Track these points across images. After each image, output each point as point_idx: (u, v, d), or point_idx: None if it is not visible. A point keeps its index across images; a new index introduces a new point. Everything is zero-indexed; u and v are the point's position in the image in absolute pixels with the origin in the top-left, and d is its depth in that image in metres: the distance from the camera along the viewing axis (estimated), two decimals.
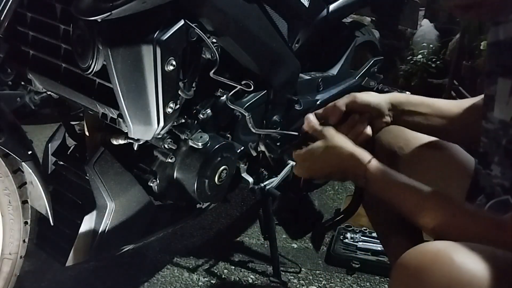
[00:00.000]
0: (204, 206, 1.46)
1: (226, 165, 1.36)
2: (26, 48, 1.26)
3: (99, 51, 1.05)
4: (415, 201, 0.87)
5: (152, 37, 1.07)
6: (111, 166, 1.24)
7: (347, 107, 1.05)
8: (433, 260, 0.68)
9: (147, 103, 1.12)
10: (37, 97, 1.34)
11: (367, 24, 2.42)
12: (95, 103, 1.16)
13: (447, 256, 0.67)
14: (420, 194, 0.87)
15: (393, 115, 1.09)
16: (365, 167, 0.93)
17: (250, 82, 1.27)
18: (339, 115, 1.05)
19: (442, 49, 3.15)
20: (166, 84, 1.12)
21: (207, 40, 1.16)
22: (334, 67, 1.84)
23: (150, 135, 1.19)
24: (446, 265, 0.66)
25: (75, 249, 1.22)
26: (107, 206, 1.23)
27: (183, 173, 1.30)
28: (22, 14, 1.22)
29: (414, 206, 0.87)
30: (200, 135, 1.28)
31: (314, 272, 1.67)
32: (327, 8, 1.68)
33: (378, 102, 1.07)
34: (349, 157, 0.96)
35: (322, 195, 2.12)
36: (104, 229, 1.24)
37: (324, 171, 1.00)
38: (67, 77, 1.19)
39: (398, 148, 1.16)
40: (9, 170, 1.11)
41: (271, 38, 1.40)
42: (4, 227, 1.15)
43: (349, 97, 1.07)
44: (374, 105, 1.06)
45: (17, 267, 1.21)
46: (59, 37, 1.16)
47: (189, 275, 1.63)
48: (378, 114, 1.07)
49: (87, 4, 0.98)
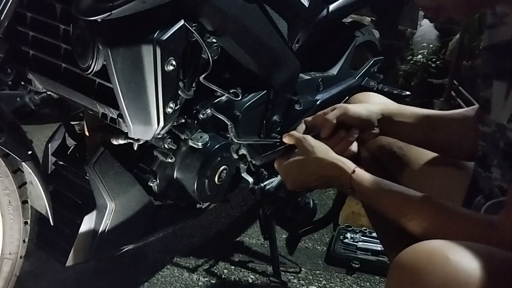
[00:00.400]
0: (204, 206, 1.46)
1: (226, 165, 1.36)
2: (26, 48, 1.26)
3: (99, 51, 1.05)
4: (402, 207, 0.88)
5: (152, 37, 1.07)
6: (111, 166, 1.24)
7: (338, 119, 1.06)
8: (429, 259, 0.68)
9: (147, 103, 1.12)
10: (37, 97, 1.34)
11: (367, 24, 2.41)
12: (95, 103, 1.16)
13: (443, 255, 0.67)
14: (407, 199, 0.88)
15: (385, 126, 1.09)
16: (350, 176, 0.94)
17: (238, 91, 1.27)
18: (331, 128, 1.06)
19: (442, 49, 3.15)
20: (166, 84, 1.12)
21: (203, 44, 1.15)
22: (334, 67, 1.84)
23: (150, 135, 1.19)
24: (441, 264, 0.67)
25: (75, 249, 1.22)
26: (107, 206, 1.23)
27: (183, 173, 1.30)
28: (22, 14, 1.22)
29: (401, 212, 0.88)
30: (200, 135, 1.28)
31: (314, 272, 1.67)
32: (327, 8, 1.68)
33: (369, 115, 1.08)
34: (333, 167, 0.97)
35: (322, 195, 2.12)
36: (104, 229, 1.24)
37: (309, 182, 1.01)
38: (67, 77, 1.19)
39: (398, 148, 1.17)
40: (9, 170, 1.11)
41: (271, 38, 1.40)
42: (4, 227, 1.15)
43: (340, 109, 1.07)
44: (364, 117, 1.07)
45: (17, 267, 1.21)
46: (59, 37, 1.16)
47: (189, 275, 1.63)
48: (368, 126, 1.08)
49: (87, 4, 0.98)
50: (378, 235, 1.32)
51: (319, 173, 0.99)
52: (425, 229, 0.83)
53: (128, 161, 1.29)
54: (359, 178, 0.94)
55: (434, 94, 3.00)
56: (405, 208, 0.88)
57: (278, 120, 1.53)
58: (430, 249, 0.69)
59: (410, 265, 0.69)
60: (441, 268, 0.66)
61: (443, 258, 0.67)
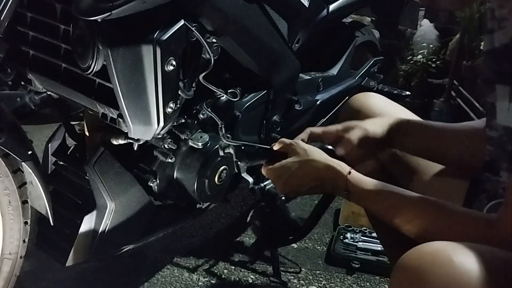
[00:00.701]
0: (204, 206, 1.46)
1: (226, 165, 1.36)
2: (26, 48, 1.26)
3: (99, 51, 1.05)
4: (400, 208, 0.88)
5: (152, 37, 1.07)
6: (111, 166, 1.24)
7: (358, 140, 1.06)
8: (433, 260, 0.68)
9: (147, 103, 1.12)
10: (37, 97, 1.34)
11: (367, 24, 2.42)
12: (95, 103, 1.16)
13: (447, 257, 0.67)
14: (404, 200, 0.88)
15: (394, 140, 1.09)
16: (346, 178, 0.94)
17: (237, 91, 1.26)
18: (352, 149, 1.05)
19: (442, 49, 3.14)
20: (166, 84, 1.12)
21: (204, 43, 1.15)
22: (334, 67, 1.85)
23: (150, 135, 1.19)
24: (445, 266, 0.67)
25: (75, 249, 1.22)
26: (107, 206, 1.23)
27: (183, 173, 1.30)
28: (22, 14, 1.22)
29: (399, 213, 0.87)
30: (200, 135, 1.28)
31: (314, 272, 1.67)
32: (327, 8, 1.68)
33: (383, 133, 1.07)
34: (327, 170, 0.96)
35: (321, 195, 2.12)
36: (104, 229, 1.24)
37: (302, 186, 1.00)
38: (67, 77, 1.19)
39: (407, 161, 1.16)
40: (9, 170, 1.11)
41: (271, 38, 1.40)
42: (4, 227, 1.15)
43: (360, 130, 1.06)
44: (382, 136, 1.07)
45: (17, 267, 1.21)
46: (59, 37, 1.16)
47: (189, 275, 1.63)
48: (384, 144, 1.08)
49: (87, 4, 0.98)
50: (378, 235, 1.32)
51: (313, 175, 0.98)
52: (423, 229, 0.83)
53: (128, 161, 1.29)
54: (355, 179, 0.93)
55: (434, 94, 3.00)
56: (403, 208, 0.87)
57: (278, 120, 1.53)
58: (434, 251, 0.69)
59: (414, 267, 0.69)
60: (445, 269, 0.66)
61: (447, 259, 0.67)
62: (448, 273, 0.66)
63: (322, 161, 0.97)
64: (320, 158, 0.98)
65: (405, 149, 1.12)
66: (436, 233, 0.79)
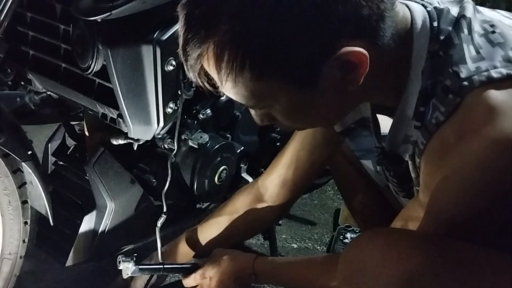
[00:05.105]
0: (204, 206, 1.46)
1: (226, 165, 1.36)
2: (26, 48, 1.26)
3: (99, 51, 1.05)
4: (316, 274, 0.95)
5: (152, 37, 1.07)
6: (111, 166, 1.24)
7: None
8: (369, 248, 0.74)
9: (147, 103, 1.12)
10: (37, 97, 1.34)
11: None
12: (95, 103, 1.16)
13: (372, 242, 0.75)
14: (316, 264, 0.97)
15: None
16: (252, 261, 1.02)
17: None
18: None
19: None
20: (166, 84, 1.12)
21: None
22: None
23: (150, 135, 1.19)
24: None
25: (75, 249, 1.23)
26: (107, 206, 1.23)
27: (183, 173, 1.30)
28: (22, 14, 1.22)
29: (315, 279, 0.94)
30: (200, 135, 1.28)
31: None
32: None
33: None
34: (233, 263, 1.06)
35: (322, 195, 2.12)
36: (104, 229, 1.24)
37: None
38: (67, 77, 1.19)
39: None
40: (9, 170, 1.11)
41: None
42: (4, 227, 1.15)
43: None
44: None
45: (17, 267, 1.21)
46: (59, 37, 1.16)
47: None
48: None
49: (87, 4, 0.98)
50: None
51: (230, 279, 1.07)
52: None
53: (128, 161, 1.29)
54: (261, 262, 1.02)
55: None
56: (318, 273, 0.94)
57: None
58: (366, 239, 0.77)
59: (356, 261, 0.76)
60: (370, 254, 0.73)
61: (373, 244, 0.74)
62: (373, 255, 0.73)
63: (227, 256, 1.10)
64: (225, 258, 1.10)
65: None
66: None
